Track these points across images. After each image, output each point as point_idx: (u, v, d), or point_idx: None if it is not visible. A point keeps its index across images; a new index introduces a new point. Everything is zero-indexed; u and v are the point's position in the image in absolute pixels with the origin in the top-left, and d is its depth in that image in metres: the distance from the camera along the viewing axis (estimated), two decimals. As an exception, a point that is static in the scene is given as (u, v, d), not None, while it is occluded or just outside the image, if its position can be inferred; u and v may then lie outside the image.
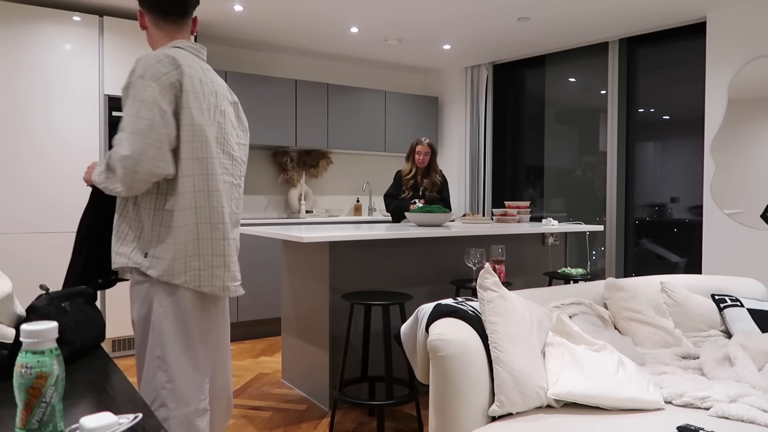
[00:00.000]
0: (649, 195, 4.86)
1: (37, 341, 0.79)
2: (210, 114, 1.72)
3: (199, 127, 1.66)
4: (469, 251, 3.10)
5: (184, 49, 1.74)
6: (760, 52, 3.95)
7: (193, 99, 1.65)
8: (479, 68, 5.81)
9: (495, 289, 1.93)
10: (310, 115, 5.29)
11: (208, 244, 1.70)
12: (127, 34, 4.17)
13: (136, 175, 1.56)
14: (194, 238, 1.67)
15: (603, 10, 4.22)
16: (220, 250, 1.72)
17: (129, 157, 1.55)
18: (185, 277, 1.67)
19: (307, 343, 3.35)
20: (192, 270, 1.68)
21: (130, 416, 0.86)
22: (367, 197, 6.08)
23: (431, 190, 4.45)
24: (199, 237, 1.68)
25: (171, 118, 1.61)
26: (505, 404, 1.74)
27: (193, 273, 1.68)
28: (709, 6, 4.09)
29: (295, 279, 3.46)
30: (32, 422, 0.78)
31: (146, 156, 1.55)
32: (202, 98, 1.69)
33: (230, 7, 4.17)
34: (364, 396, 3.18)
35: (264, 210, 5.48)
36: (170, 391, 1.66)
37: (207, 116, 1.71)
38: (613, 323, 2.45)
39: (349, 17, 4.43)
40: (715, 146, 4.17)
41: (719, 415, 1.73)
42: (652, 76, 4.82)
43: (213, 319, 1.82)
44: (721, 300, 2.60)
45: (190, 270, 1.67)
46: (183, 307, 1.70)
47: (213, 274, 1.71)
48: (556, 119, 5.59)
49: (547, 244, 4.05)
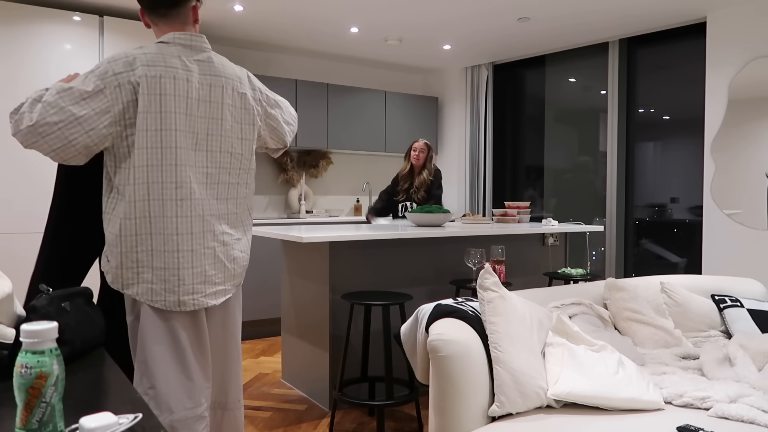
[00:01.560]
0: (649, 195, 4.86)
1: (37, 341, 0.79)
2: (186, 112, 1.61)
3: (155, 132, 1.55)
4: (469, 251, 3.10)
5: (170, 43, 1.64)
6: (760, 52, 3.95)
7: (152, 102, 1.55)
8: (479, 68, 5.81)
9: (495, 290, 1.93)
10: (310, 115, 5.29)
11: (160, 256, 1.58)
12: (127, 34, 4.17)
13: (16, 135, 1.49)
14: (145, 249, 1.57)
15: (603, 10, 4.22)
16: (173, 263, 1.59)
17: (30, 125, 1.46)
18: (137, 288, 1.59)
19: (307, 343, 3.35)
20: (144, 282, 1.58)
21: (130, 416, 0.86)
22: (367, 197, 6.08)
23: (419, 190, 4.48)
24: (151, 248, 1.58)
25: (95, 123, 1.50)
26: (505, 404, 1.74)
27: (145, 285, 1.58)
28: (709, 6, 4.09)
29: (295, 279, 3.46)
30: (32, 422, 0.78)
31: (43, 135, 1.46)
32: (173, 97, 1.58)
33: (230, 7, 4.17)
34: (364, 396, 3.18)
35: (264, 210, 5.48)
36: (152, 397, 1.59)
37: (177, 118, 1.59)
38: (613, 323, 2.45)
39: (349, 17, 4.43)
40: (715, 146, 4.17)
41: (719, 416, 1.73)
42: (652, 77, 4.81)
43: (200, 328, 1.69)
44: (721, 300, 2.60)
45: (143, 282, 1.59)
46: (161, 316, 1.62)
47: (166, 289, 1.59)
48: (556, 119, 5.59)
49: (547, 244, 4.05)
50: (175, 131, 1.59)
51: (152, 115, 1.55)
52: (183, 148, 1.61)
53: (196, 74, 1.65)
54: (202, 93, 1.66)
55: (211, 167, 1.69)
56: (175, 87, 1.59)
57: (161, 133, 1.57)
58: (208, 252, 1.68)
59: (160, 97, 1.57)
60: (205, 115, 1.67)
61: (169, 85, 1.58)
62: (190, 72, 1.64)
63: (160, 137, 1.57)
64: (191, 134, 1.64)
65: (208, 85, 1.67)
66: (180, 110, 1.60)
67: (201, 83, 1.66)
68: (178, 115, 1.60)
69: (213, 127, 1.68)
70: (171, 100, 1.58)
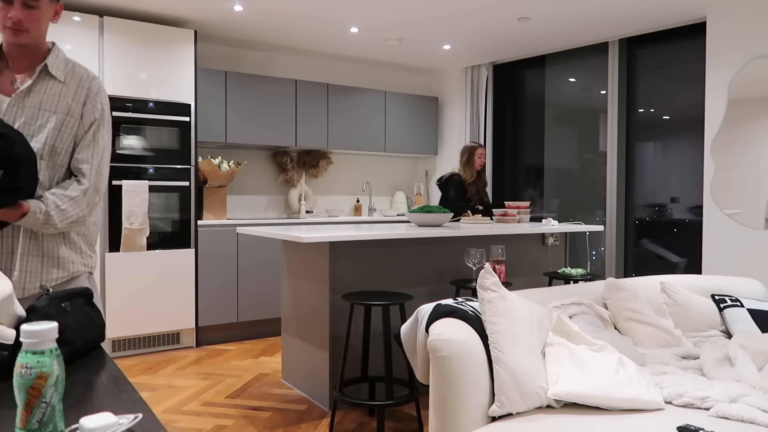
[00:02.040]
0: (649, 195, 4.86)
1: (37, 341, 0.79)
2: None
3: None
4: (469, 251, 3.10)
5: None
6: (760, 52, 3.95)
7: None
8: (479, 68, 5.81)
9: (495, 290, 1.93)
10: (310, 115, 5.29)
11: None
12: (127, 34, 4.17)
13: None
14: None
15: (603, 10, 4.22)
16: None
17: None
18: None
19: (307, 343, 3.35)
20: None
21: (130, 416, 0.86)
22: (367, 197, 6.08)
23: (483, 193, 4.70)
24: None
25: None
26: (505, 404, 1.74)
27: None
28: (709, 6, 4.09)
29: (295, 279, 3.46)
30: (32, 422, 0.78)
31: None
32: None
33: (230, 7, 4.17)
34: (364, 396, 3.18)
35: (264, 210, 5.48)
36: None
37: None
38: (613, 323, 2.45)
39: (349, 17, 4.43)
40: (715, 146, 4.17)
41: (719, 416, 1.73)
42: (652, 76, 4.81)
43: None
44: (721, 300, 2.60)
45: None
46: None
47: None
48: (556, 119, 5.59)
49: (547, 244, 4.05)
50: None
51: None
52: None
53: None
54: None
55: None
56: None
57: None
58: None
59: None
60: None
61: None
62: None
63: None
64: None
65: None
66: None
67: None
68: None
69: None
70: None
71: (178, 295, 4.36)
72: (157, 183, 4.27)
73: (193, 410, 3.17)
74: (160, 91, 4.30)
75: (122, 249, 4.12)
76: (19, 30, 1.61)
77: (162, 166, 4.31)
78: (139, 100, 4.23)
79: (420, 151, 6.07)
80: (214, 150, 5.15)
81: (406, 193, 6.31)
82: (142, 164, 4.22)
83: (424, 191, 6.38)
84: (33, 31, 1.65)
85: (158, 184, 4.28)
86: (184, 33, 4.41)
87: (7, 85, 1.66)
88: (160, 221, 4.30)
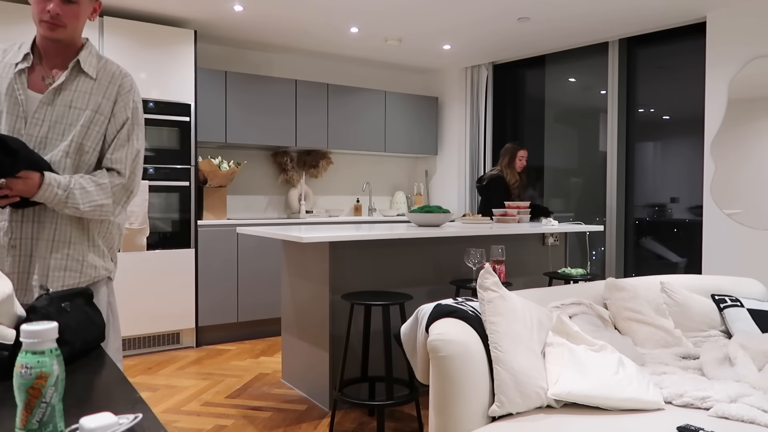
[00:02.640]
0: (649, 195, 4.86)
1: (37, 341, 0.79)
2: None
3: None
4: (469, 251, 3.10)
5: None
6: (760, 52, 3.95)
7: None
8: (479, 68, 5.81)
9: (495, 290, 1.93)
10: (309, 115, 5.29)
11: None
12: (127, 34, 4.17)
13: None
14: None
15: (603, 11, 4.22)
16: None
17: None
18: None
19: (307, 343, 3.35)
20: None
21: (130, 416, 0.86)
22: (367, 197, 6.08)
23: (523, 193, 4.76)
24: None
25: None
26: (505, 404, 1.74)
27: None
28: (709, 6, 4.09)
29: (295, 279, 3.46)
30: (32, 422, 0.78)
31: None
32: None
33: (230, 7, 4.17)
34: (364, 396, 3.18)
35: (264, 210, 5.48)
36: None
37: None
38: (613, 323, 2.45)
39: (348, 17, 4.43)
40: (715, 146, 4.17)
41: (719, 416, 1.73)
42: (652, 76, 4.81)
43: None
44: (721, 300, 2.60)
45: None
46: None
47: None
48: (556, 119, 5.59)
49: (547, 244, 4.05)
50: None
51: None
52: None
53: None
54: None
55: None
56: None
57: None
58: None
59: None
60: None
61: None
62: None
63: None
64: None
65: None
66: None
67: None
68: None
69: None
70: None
71: (178, 295, 4.36)
72: (157, 183, 4.27)
73: (193, 410, 3.17)
74: (160, 91, 4.30)
75: (122, 249, 4.12)
76: (56, 24, 1.56)
77: (162, 166, 4.31)
78: (139, 100, 4.22)
79: (420, 151, 6.07)
80: (214, 150, 5.15)
81: (406, 193, 6.31)
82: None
83: (424, 191, 6.38)
84: (70, 27, 1.60)
85: (158, 184, 4.28)
86: (184, 33, 4.41)
87: (39, 81, 1.61)
88: (160, 221, 4.30)
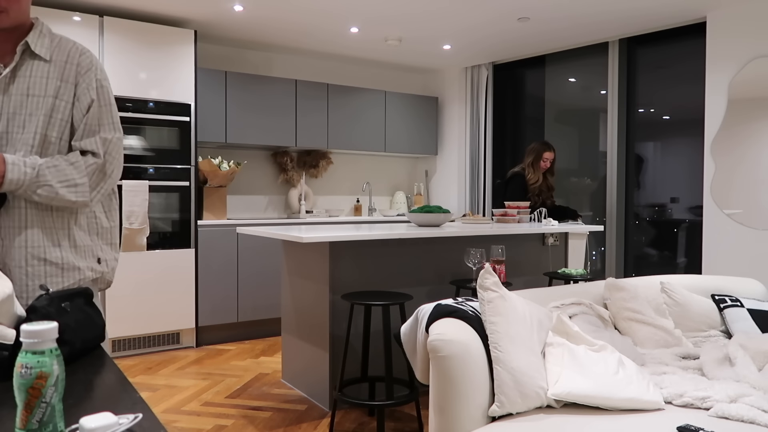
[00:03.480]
0: (649, 195, 4.86)
1: (37, 341, 0.79)
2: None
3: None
4: (469, 251, 3.10)
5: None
6: (760, 52, 3.95)
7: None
8: (479, 68, 5.81)
9: (495, 289, 1.93)
10: (309, 115, 5.29)
11: None
12: (127, 34, 4.17)
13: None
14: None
15: (603, 11, 4.22)
16: None
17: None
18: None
19: (307, 343, 3.35)
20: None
21: (130, 416, 0.86)
22: (367, 197, 6.08)
23: (548, 195, 4.66)
24: None
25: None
26: (505, 404, 1.74)
27: None
28: (709, 6, 4.09)
29: (295, 279, 3.46)
30: (32, 422, 0.78)
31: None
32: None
33: (230, 7, 4.17)
34: (364, 396, 3.18)
35: (264, 210, 5.48)
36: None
37: None
38: (613, 323, 2.45)
39: (349, 17, 4.43)
40: (715, 146, 4.17)
41: (719, 416, 1.73)
42: (652, 76, 4.81)
43: None
44: (721, 300, 2.60)
45: None
46: None
47: None
48: (556, 119, 5.59)
49: (547, 244, 4.05)
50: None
51: None
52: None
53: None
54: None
55: None
56: None
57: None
58: None
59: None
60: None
61: None
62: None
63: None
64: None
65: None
66: None
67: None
68: None
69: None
70: None
71: (178, 295, 4.36)
72: (157, 183, 4.27)
73: (193, 410, 3.17)
74: (160, 91, 4.30)
75: (122, 249, 4.12)
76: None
77: (162, 166, 4.31)
78: (139, 100, 4.23)
79: (420, 151, 6.07)
80: (214, 150, 5.15)
81: (406, 193, 6.31)
82: (142, 164, 4.22)
83: (424, 191, 6.38)
84: (12, 12, 1.43)
85: (158, 184, 4.28)
86: (184, 33, 4.41)
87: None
88: (160, 221, 4.30)
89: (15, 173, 1.36)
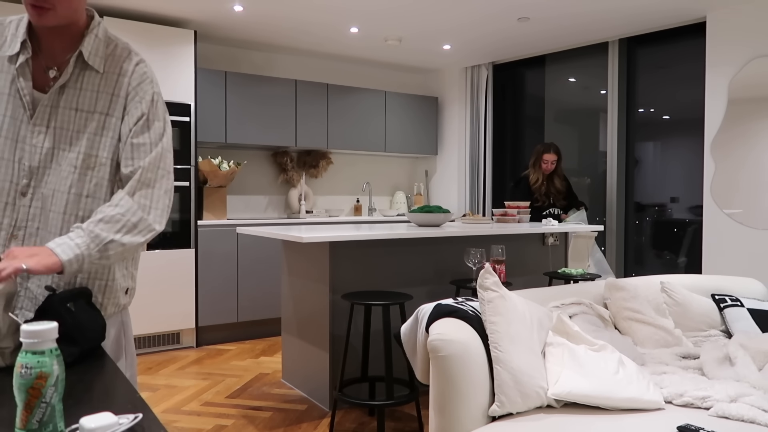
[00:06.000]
0: (649, 195, 4.86)
1: (37, 341, 0.79)
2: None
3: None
4: (469, 251, 3.10)
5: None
6: (760, 52, 3.95)
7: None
8: (479, 68, 5.81)
9: (495, 289, 1.93)
10: (310, 115, 5.29)
11: None
12: (127, 35, 4.17)
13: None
14: None
15: (603, 10, 4.22)
16: None
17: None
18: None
19: (307, 343, 3.35)
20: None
21: (130, 416, 0.86)
22: (367, 197, 6.08)
23: (557, 197, 4.67)
24: None
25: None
26: (506, 404, 1.74)
27: None
28: (709, 6, 4.09)
29: (295, 279, 3.46)
30: (32, 422, 0.78)
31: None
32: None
33: (230, 7, 4.17)
34: (364, 396, 3.18)
35: (264, 210, 5.48)
36: None
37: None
38: (613, 323, 2.45)
39: (348, 17, 4.43)
40: (715, 146, 4.17)
41: (719, 415, 1.73)
42: (652, 76, 4.82)
43: None
44: (721, 300, 2.60)
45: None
46: None
47: None
48: (556, 119, 5.59)
49: (547, 244, 4.05)
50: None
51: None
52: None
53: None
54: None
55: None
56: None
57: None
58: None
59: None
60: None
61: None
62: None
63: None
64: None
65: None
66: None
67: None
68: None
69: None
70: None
71: (178, 295, 4.36)
72: (157, 183, 4.26)
73: (193, 410, 3.17)
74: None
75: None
76: (42, 8, 1.23)
77: (162, 166, 4.30)
78: (139, 100, 4.22)
79: (420, 151, 6.07)
80: (214, 150, 5.15)
81: (406, 193, 6.31)
82: (142, 164, 4.22)
83: (424, 191, 6.38)
84: (61, 9, 1.25)
85: (158, 184, 4.27)
86: (184, 33, 4.41)
87: (40, 74, 1.31)
88: (160, 221, 4.30)
89: (68, 253, 1.18)
